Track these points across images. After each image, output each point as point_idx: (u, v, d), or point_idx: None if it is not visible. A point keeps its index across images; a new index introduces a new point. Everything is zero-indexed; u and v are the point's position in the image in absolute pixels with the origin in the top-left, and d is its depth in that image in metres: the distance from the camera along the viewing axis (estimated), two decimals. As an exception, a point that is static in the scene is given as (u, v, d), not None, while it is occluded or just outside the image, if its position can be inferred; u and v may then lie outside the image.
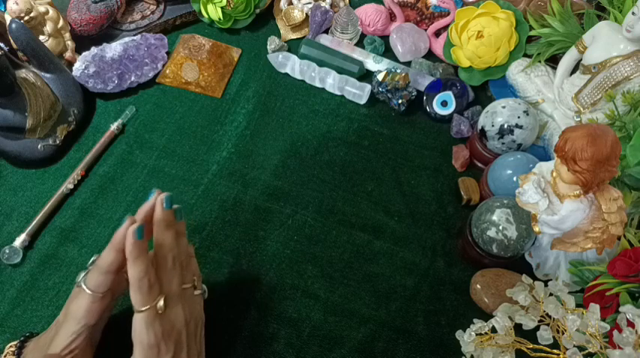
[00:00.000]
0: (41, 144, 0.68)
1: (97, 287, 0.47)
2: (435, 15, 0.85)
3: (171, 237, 0.48)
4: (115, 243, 0.46)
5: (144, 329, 0.44)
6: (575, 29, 0.73)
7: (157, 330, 0.45)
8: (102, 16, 0.76)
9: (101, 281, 0.47)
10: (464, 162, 0.72)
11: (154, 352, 0.44)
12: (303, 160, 0.72)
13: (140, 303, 0.44)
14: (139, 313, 0.44)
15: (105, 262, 0.46)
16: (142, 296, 0.44)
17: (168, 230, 0.47)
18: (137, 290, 0.44)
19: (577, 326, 0.45)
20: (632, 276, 0.52)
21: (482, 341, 0.50)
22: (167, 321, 0.46)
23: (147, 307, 0.44)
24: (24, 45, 0.66)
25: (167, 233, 0.47)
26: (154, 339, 0.44)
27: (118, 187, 0.68)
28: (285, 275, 0.63)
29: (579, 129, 0.50)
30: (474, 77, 0.78)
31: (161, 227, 0.47)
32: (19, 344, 0.50)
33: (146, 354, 0.44)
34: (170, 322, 0.46)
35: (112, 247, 0.46)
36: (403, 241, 0.66)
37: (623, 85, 0.65)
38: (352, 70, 0.79)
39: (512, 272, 0.62)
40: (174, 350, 0.46)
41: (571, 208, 0.54)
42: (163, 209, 0.47)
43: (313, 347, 0.58)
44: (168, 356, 0.45)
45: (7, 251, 0.61)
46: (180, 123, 0.74)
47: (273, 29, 0.86)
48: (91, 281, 0.47)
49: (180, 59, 0.78)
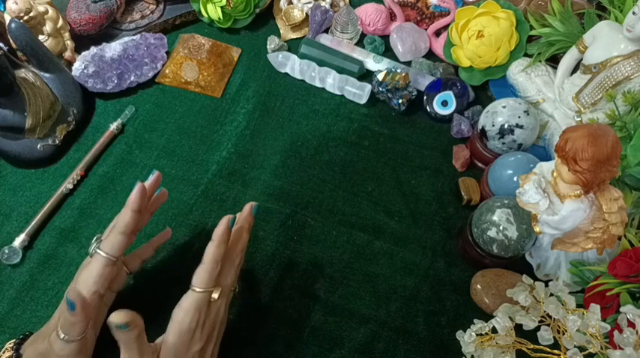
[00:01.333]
0: (40, 144, 0.68)
1: (113, 249, 0.48)
2: (435, 14, 0.85)
3: (245, 240, 0.52)
4: (130, 203, 0.49)
5: (191, 310, 0.45)
6: (575, 29, 0.73)
7: (201, 316, 0.46)
8: (101, 15, 0.76)
9: (117, 242, 0.48)
10: (464, 162, 0.72)
11: (189, 336, 0.45)
12: (303, 160, 0.72)
13: (203, 283, 0.46)
14: (195, 293, 0.46)
15: (122, 223, 0.48)
16: (207, 277, 0.46)
17: (248, 233, 0.53)
18: (207, 269, 0.46)
19: (577, 326, 0.45)
20: (633, 276, 0.52)
21: (482, 341, 0.49)
22: (211, 312, 0.47)
23: (205, 289, 0.46)
24: (23, 45, 0.66)
25: (246, 235, 0.52)
26: (194, 324, 0.46)
27: (117, 187, 0.68)
28: (285, 275, 0.63)
29: (580, 129, 0.50)
30: (475, 77, 0.78)
31: (245, 228, 0.52)
32: (18, 340, 0.50)
33: (182, 337, 0.45)
34: (212, 314, 0.48)
35: (128, 208, 0.49)
36: (403, 241, 0.66)
37: (623, 84, 0.65)
38: (352, 70, 0.79)
39: (512, 272, 0.62)
40: (205, 341, 0.47)
41: (571, 208, 0.54)
42: (251, 213, 0.54)
43: (313, 347, 0.58)
44: (198, 346, 0.46)
45: (6, 251, 0.61)
46: (179, 123, 0.74)
47: (273, 29, 0.86)
48: (108, 244, 0.48)
49: (180, 59, 0.78)
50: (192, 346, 0.46)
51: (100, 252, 0.48)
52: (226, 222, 0.48)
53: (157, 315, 0.46)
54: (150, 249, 0.58)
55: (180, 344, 0.45)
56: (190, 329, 0.45)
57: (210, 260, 0.47)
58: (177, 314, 0.46)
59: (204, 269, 0.47)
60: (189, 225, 0.65)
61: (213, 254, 0.47)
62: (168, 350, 0.45)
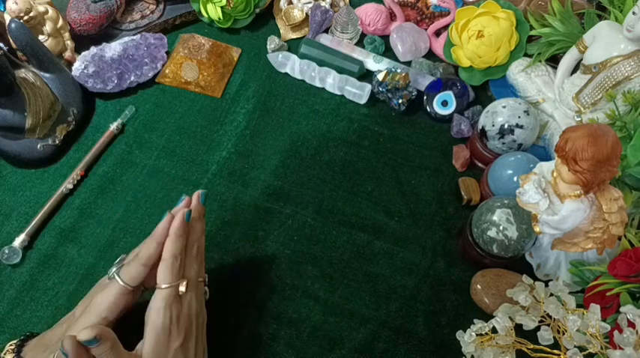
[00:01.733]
0: (40, 144, 0.68)
1: (132, 279, 0.48)
2: (435, 14, 0.85)
3: (200, 228, 0.52)
4: (156, 235, 0.48)
5: (161, 308, 0.46)
6: (575, 29, 0.73)
7: (173, 312, 0.46)
8: (101, 15, 0.76)
9: (138, 273, 0.48)
10: (464, 162, 0.72)
11: (165, 334, 0.45)
12: (303, 160, 0.72)
13: (166, 279, 0.47)
14: (161, 290, 0.46)
15: (145, 255, 0.48)
16: (170, 273, 0.47)
17: (201, 221, 0.52)
18: (168, 266, 0.47)
19: (577, 326, 0.45)
20: (633, 276, 0.52)
21: (482, 341, 0.49)
22: (183, 306, 0.47)
23: (171, 285, 0.47)
24: (23, 45, 0.66)
25: (199, 223, 0.52)
26: (168, 321, 0.46)
27: (117, 187, 0.68)
28: (285, 276, 0.63)
29: (580, 129, 0.50)
30: (475, 77, 0.78)
31: (195, 216, 0.51)
32: (19, 342, 0.49)
33: (158, 337, 0.45)
34: (185, 307, 0.48)
35: (153, 239, 0.48)
36: (403, 241, 0.66)
37: (623, 84, 0.65)
38: (352, 70, 0.79)
39: (512, 272, 0.62)
40: (184, 336, 0.47)
41: (571, 208, 0.54)
42: (199, 202, 0.53)
43: (313, 347, 0.58)
44: (177, 342, 0.46)
45: (6, 251, 0.61)
46: (179, 123, 0.74)
47: (273, 29, 0.85)
48: (128, 273, 0.48)
49: (180, 59, 0.78)
50: (171, 343, 0.46)
51: (118, 279, 0.47)
52: (181, 215, 0.49)
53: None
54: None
55: (159, 345, 0.45)
56: (165, 327, 0.45)
57: (170, 255, 0.47)
58: (150, 315, 0.46)
59: (165, 265, 0.47)
60: (189, 225, 0.65)
61: (171, 249, 0.47)
62: (149, 353, 0.45)
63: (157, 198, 0.67)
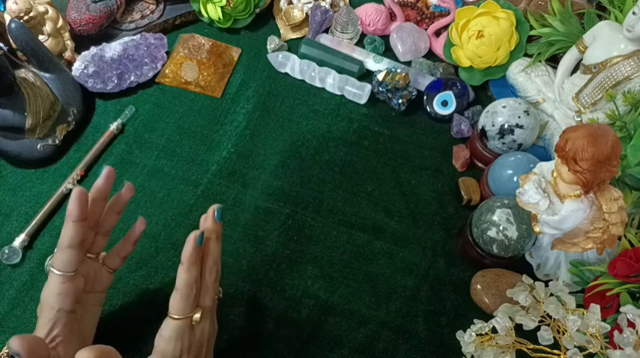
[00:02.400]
0: (40, 144, 0.68)
1: (64, 264, 0.45)
2: (435, 14, 0.85)
3: (218, 250, 0.47)
4: (69, 214, 0.45)
5: (173, 338, 0.43)
6: (575, 29, 0.73)
7: (185, 342, 0.44)
8: (101, 15, 0.76)
9: (66, 257, 0.45)
10: (464, 162, 0.72)
11: None
12: (303, 160, 0.72)
13: (180, 311, 0.43)
14: (174, 320, 0.43)
15: (64, 237, 0.45)
16: (184, 304, 0.43)
17: (217, 243, 0.47)
18: (183, 296, 0.43)
19: (577, 326, 0.45)
20: (633, 276, 0.52)
21: (482, 341, 0.49)
22: (195, 334, 0.45)
23: (185, 316, 0.44)
24: (23, 44, 0.66)
25: (216, 246, 0.47)
26: (179, 351, 0.44)
27: (117, 187, 0.68)
28: (285, 276, 0.63)
29: (580, 129, 0.50)
30: (475, 77, 0.78)
31: (212, 238, 0.46)
32: None
33: None
34: (197, 335, 0.45)
35: (67, 219, 0.45)
36: (403, 241, 0.66)
37: (623, 84, 0.65)
38: (352, 70, 0.79)
39: (512, 272, 0.62)
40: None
41: (571, 208, 0.54)
42: (215, 220, 0.46)
43: (313, 347, 0.58)
44: None
45: (6, 251, 0.61)
46: (179, 123, 0.74)
47: (273, 29, 0.85)
48: (57, 261, 0.46)
49: (180, 59, 0.78)
50: None
51: (53, 269, 0.46)
52: (193, 240, 0.44)
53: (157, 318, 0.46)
54: (128, 245, 0.54)
55: None
56: (175, 356, 0.44)
57: (184, 285, 0.44)
58: (159, 343, 0.44)
59: (179, 295, 0.44)
60: (189, 225, 0.65)
61: (185, 278, 0.44)
62: None
63: (157, 198, 0.67)
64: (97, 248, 0.52)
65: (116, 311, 0.59)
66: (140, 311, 0.59)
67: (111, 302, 0.59)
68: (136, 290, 0.60)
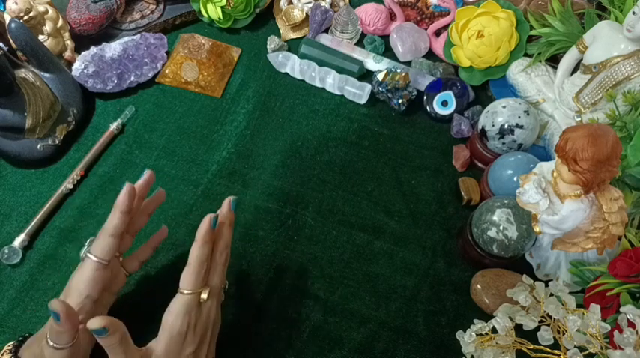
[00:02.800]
0: (40, 144, 0.68)
1: (103, 252, 0.48)
2: (435, 14, 0.85)
3: (229, 236, 0.51)
4: (118, 204, 0.48)
5: (181, 313, 0.45)
6: (575, 29, 0.73)
7: (192, 318, 0.45)
8: (101, 15, 0.76)
9: (107, 245, 0.48)
10: (464, 162, 0.72)
11: (180, 339, 0.45)
12: (303, 160, 0.72)
13: (190, 285, 0.46)
14: (183, 296, 0.45)
15: (110, 225, 0.48)
16: (194, 279, 0.46)
17: (230, 229, 0.51)
18: (194, 271, 0.46)
19: (577, 326, 0.45)
20: (633, 276, 0.52)
21: (482, 341, 0.49)
22: (202, 313, 0.47)
23: (193, 291, 0.46)
24: (23, 44, 0.66)
25: (228, 231, 0.50)
26: (185, 327, 0.45)
27: (117, 187, 0.68)
28: (285, 276, 0.63)
29: (580, 129, 0.50)
30: (475, 77, 0.78)
31: (226, 224, 0.50)
32: (17, 343, 0.50)
33: (173, 340, 0.45)
34: (204, 315, 0.47)
35: (116, 209, 0.48)
36: (403, 241, 0.66)
37: (623, 84, 0.65)
38: (352, 70, 0.79)
39: (512, 272, 0.62)
40: (198, 343, 0.47)
41: (571, 208, 0.54)
42: (230, 209, 0.51)
43: (313, 347, 0.58)
44: (191, 348, 0.46)
45: (6, 251, 0.61)
46: (179, 123, 0.74)
47: (273, 29, 0.85)
48: (98, 247, 0.48)
49: (180, 59, 0.78)
50: (184, 349, 0.46)
51: (90, 256, 0.48)
52: (208, 221, 0.47)
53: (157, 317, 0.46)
54: (148, 250, 0.58)
55: (173, 348, 0.45)
56: (181, 332, 0.45)
57: (196, 261, 0.46)
58: (167, 318, 0.45)
59: (190, 270, 0.46)
60: (189, 225, 0.65)
61: (198, 255, 0.46)
62: (160, 355, 0.45)
63: (157, 198, 0.67)
64: (123, 247, 0.54)
65: (116, 311, 0.58)
66: (140, 311, 0.59)
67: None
68: (136, 290, 0.60)
